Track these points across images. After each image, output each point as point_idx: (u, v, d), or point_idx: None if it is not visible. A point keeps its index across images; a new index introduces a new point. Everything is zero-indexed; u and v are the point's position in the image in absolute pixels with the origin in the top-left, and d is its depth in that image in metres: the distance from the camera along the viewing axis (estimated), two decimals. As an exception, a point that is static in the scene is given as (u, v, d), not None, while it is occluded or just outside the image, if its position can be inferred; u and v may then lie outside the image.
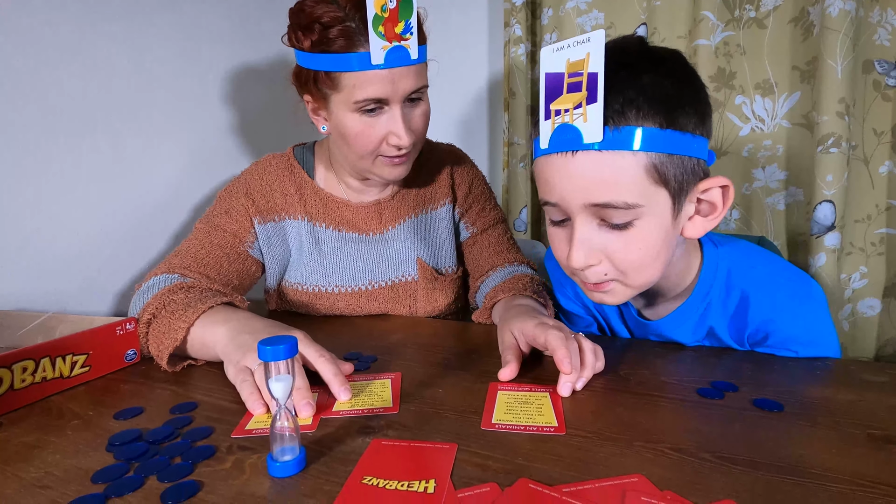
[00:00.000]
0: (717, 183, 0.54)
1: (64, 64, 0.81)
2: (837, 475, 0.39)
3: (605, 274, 0.55)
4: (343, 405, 0.53)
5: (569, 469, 0.41)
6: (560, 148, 0.52)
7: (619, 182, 0.50)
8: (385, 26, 0.67)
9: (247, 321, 0.62)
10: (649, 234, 0.53)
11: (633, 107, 0.49)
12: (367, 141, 0.74)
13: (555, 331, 0.57)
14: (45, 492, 0.40)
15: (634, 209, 0.51)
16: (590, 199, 0.52)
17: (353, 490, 0.39)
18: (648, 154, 0.50)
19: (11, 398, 0.53)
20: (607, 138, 0.49)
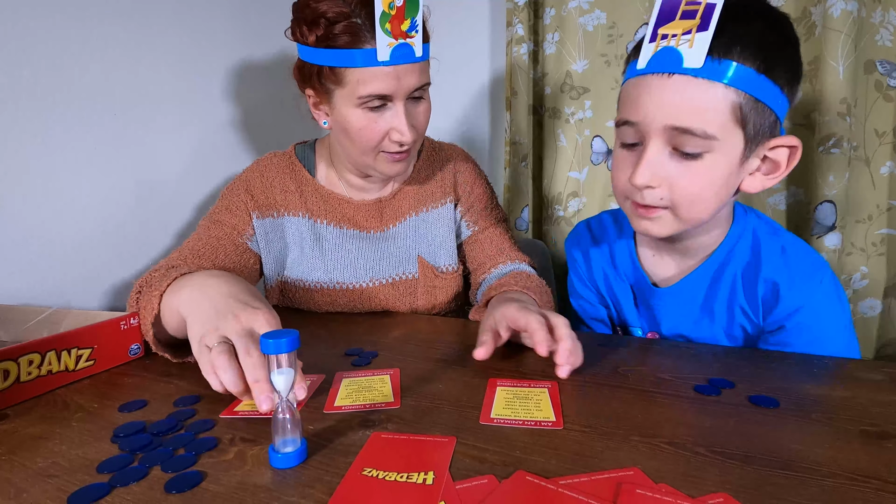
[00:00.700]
0: (788, 142, 0.56)
1: (66, 60, 0.81)
2: (830, 469, 0.40)
3: (661, 199, 0.57)
4: (344, 400, 0.54)
5: (566, 462, 0.42)
6: (658, 69, 0.53)
7: (704, 110, 0.52)
8: (392, 24, 0.68)
9: (210, 283, 0.58)
10: (715, 170, 0.55)
11: (738, 44, 0.51)
12: (370, 136, 0.74)
13: (535, 315, 0.58)
14: (52, 480, 0.41)
15: (709, 141, 0.53)
16: (673, 121, 0.53)
17: (352, 481, 0.40)
18: (738, 92, 0.52)
19: (18, 390, 0.54)
20: (706, 66, 0.51)
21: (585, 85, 1.27)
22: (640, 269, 0.71)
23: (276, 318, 0.54)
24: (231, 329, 0.51)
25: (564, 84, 1.29)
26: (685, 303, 0.68)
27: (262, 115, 1.17)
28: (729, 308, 0.67)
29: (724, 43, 0.51)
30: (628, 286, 0.74)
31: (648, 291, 0.71)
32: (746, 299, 0.65)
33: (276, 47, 1.17)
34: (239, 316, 0.52)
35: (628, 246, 0.72)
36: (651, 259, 0.71)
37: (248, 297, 0.56)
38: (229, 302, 0.55)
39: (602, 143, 1.29)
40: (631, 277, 0.74)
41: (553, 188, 1.36)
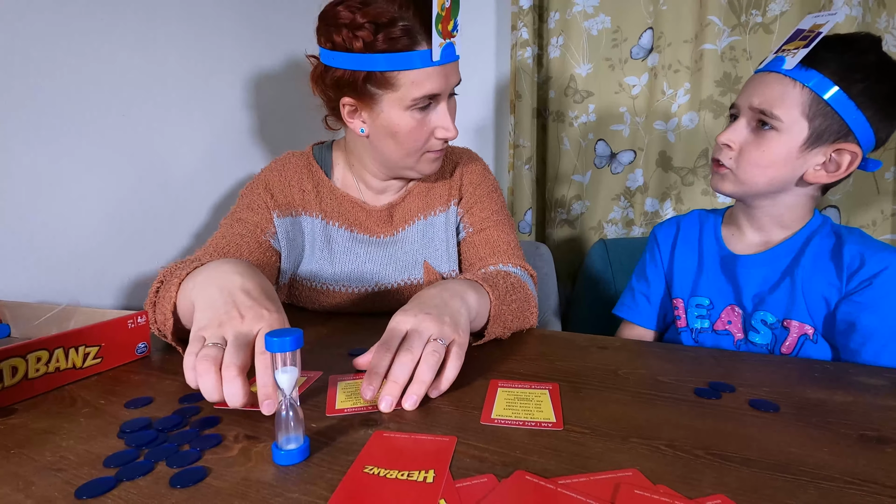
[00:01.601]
0: (850, 147, 0.68)
1: (78, 60, 0.83)
2: (828, 473, 0.40)
3: (730, 159, 0.73)
4: (345, 402, 0.54)
5: (565, 463, 0.42)
6: (766, 68, 0.71)
7: (779, 98, 0.68)
8: (442, 24, 0.69)
9: (224, 271, 0.58)
10: (776, 146, 0.69)
11: (828, 64, 0.66)
12: (418, 136, 0.76)
13: (392, 331, 0.57)
14: (60, 474, 0.41)
15: (776, 121, 0.68)
16: (754, 102, 0.70)
17: (354, 478, 0.40)
18: (812, 93, 0.66)
19: (26, 386, 0.55)
20: (795, 70, 0.67)
21: (589, 89, 1.28)
22: (724, 245, 0.82)
23: (280, 321, 0.53)
24: (231, 329, 0.51)
25: (568, 88, 1.30)
26: (770, 270, 0.76)
27: (275, 115, 1.18)
28: (812, 278, 0.73)
29: (819, 59, 0.66)
30: (713, 260, 0.83)
31: (731, 260, 0.80)
32: (834, 268, 0.72)
33: (290, 50, 1.18)
34: (245, 315, 0.52)
35: (714, 229, 0.85)
36: (737, 234, 0.82)
37: (259, 294, 0.56)
38: (239, 297, 0.54)
39: (605, 146, 1.29)
40: (715, 253, 0.84)
41: (556, 191, 1.37)
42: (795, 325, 0.74)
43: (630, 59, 1.24)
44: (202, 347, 0.50)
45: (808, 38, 0.67)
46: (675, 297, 0.86)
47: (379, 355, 0.54)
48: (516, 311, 0.72)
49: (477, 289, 0.68)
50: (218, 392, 0.48)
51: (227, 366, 0.48)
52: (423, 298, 0.62)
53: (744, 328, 0.79)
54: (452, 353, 0.56)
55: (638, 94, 1.25)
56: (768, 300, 0.76)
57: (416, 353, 0.53)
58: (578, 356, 0.66)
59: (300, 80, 0.80)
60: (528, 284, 0.79)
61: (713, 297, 0.82)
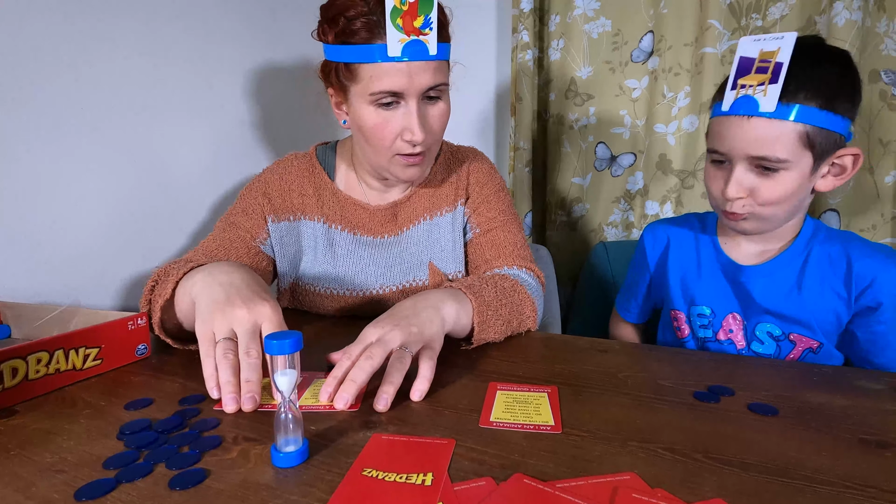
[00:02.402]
0: (851, 152, 0.69)
1: (78, 61, 0.83)
2: (827, 477, 0.40)
3: (743, 206, 0.71)
4: (307, 400, 0.54)
5: (563, 466, 0.42)
6: (739, 112, 0.68)
7: (777, 141, 0.66)
8: (403, 19, 0.68)
9: (224, 269, 0.62)
10: (789, 182, 0.68)
11: (802, 91, 0.64)
12: (382, 135, 0.74)
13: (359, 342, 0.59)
14: (60, 475, 0.42)
15: (784, 163, 0.67)
16: (753, 151, 0.68)
17: (353, 481, 0.40)
18: (804, 125, 0.65)
19: (26, 388, 0.55)
20: (777, 109, 0.65)
21: (590, 91, 1.28)
22: (724, 253, 0.81)
23: (278, 311, 0.58)
24: (240, 320, 0.55)
25: (569, 90, 1.30)
26: (777, 281, 0.76)
27: (276, 116, 1.18)
28: (820, 290, 0.74)
29: (790, 90, 0.64)
30: (713, 268, 0.83)
31: (735, 270, 0.79)
32: (842, 281, 0.73)
33: (293, 47, 1.18)
34: (248, 304, 0.57)
35: (711, 237, 0.84)
36: (730, 244, 0.82)
37: (257, 287, 0.61)
38: (240, 289, 0.59)
39: (605, 149, 1.29)
40: (715, 262, 0.83)
41: (556, 193, 1.37)
42: (801, 340, 0.74)
43: (630, 62, 1.25)
44: (217, 344, 0.55)
45: (765, 69, 0.64)
46: (675, 309, 0.86)
47: (340, 361, 0.56)
48: (507, 316, 0.72)
49: (458, 297, 0.68)
50: (237, 385, 0.52)
51: (246, 351, 0.53)
52: (395, 310, 0.64)
53: (746, 337, 0.79)
54: (423, 357, 0.58)
55: (638, 97, 1.25)
56: (774, 312, 0.76)
57: (375, 361, 0.55)
58: (578, 359, 0.66)
59: (302, 80, 0.80)
60: (527, 287, 0.78)
61: (714, 305, 0.82)
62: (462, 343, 0.69)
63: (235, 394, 0.52)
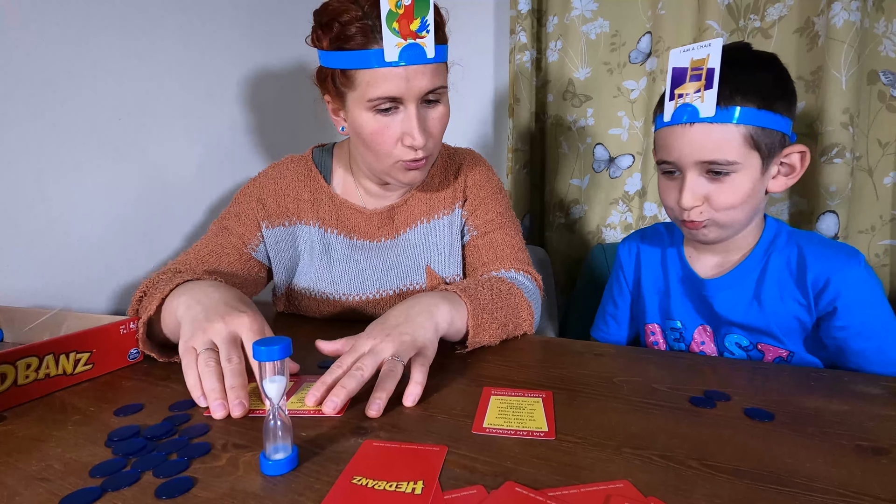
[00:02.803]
0: (797, 149, 0.70)
1: (75, 63, 0.83)
2: (822, 485, 0.40)
3: (701, 213, 0.71)
4: (294, 405, 0.54)
5: (556, 473, 0.42)
6: (681, 121, 0.68)
7: (722, 145, 0.67)
8: (400, 23, 0.66)
9: (206, 290, 0.63)
10: (742, 185, 0.69)
11: (738, 93, 0.65)
12: (382, 141, 0.73)
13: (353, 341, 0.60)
14: (45, 484, 0.41)
15: (733, 165, 0.67)
16: (701, 157, 0.68)
17: (342, 489, 0.40)
18: (746, 126, 0.66)
19: (15, 393, 0.55)
20: (718, 114, 0.66)
21: (588, 93, 1.28)
22: (688, 266, 0.81)
23: (259, 322, 0.58)
24: (217, 331, 0.56)
25: (567, 92, 1.29)
26: (736, 293, 0.76)
27: (274, 119, 1.18)
28: (780, 299, 0.73)
29: (727, 95, 0.65)
30: (678, 281, 0.83)
31: (698, 283, 0.79)
32: (798, 288, 0.72)
33: (288, 51, 1.18)
34: (224, 318, 0.57)
35: (677, 248, 0.84)
36: (694, 256, 0.81)
37: (236, 302, 0.61)
38: (219, 306, 0.59)
39: (604, 150, 1.29)
40: (680, 274, 0.82)
41: (555, 195, 1.36)
42: (769, 349, 0.73)
43: (629, 63, 1.24)
44: (199, 355, 0.55)
45: (698, 76, 0.65)
46: (650, 323, 0.85)
47: (331, 369, 0.56)
48: (502, 319, 0.71)
49: (452, 300, 0.67)
50: (222, 391, 0.52)
51: (227, 358, 0.54)
52: (388, 317, 0.64)
53: (718, 349, 0.78)
54: (415, 363, 0.58)
55: (636, 98, 1.25)
56: (739, 324, 0.75)
57: (366, 372, 0.55)
58: (574, 363, 0.66)
59: (299, 84, 0.80)
60: (524, 290, 0.77)
61: (683, 318, 0.81)
62: (456, 346, 0.69)
63: (222, 400, 0.51)
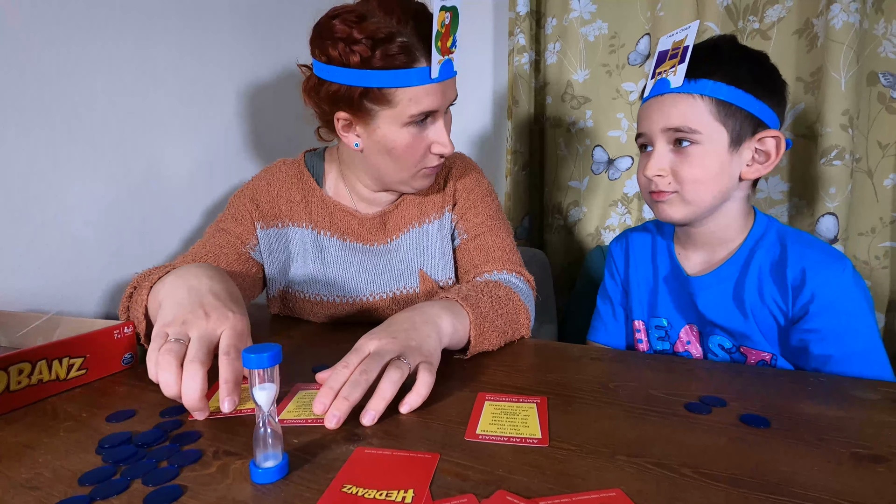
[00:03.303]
0: (770, 134, 0.70)
1: (71, 66, 0.82)
2: (817, 493, 0.39)
3: (669, 184, 0.72)
4: (290, 413, 0.53)
5: (548, 482, 0.41)
6: (654, 93, 0.72)
7: (687, 113, 0.69)
8: (441, 41, 0.68)
9: (197, 274, 0.61)
10: (706, 157, 0.70)
11: (710, 69, 0.68)
12: (414, 152, 0.75)
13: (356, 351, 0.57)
14: (33, 492, 0.41)
15: (696, 134, 0.69)
16: (666, 124, 0.71)
17: (331, 498, 0.40)
18: (712, 99, 0.68)
19: (7, 399, 0.54)
20: (686, 85, 0.69)
21: (586, 94, 1.27)
22: (677, 262, 0.80)
23: (244, 326, 0.56)
24: (196, 327, 0.53)
25: (565, 94, 1.29)
26: (718, 292, 0.75)
27: (269, 123, 1.18)
28: (760, 299, 0.72)
29: (702, 70, 0.68)
30: (666, 278, 0.82)
31: (683, 280, 0.79)
32: (777, 287, 0.71)
33: (284, 56, 1.18)
34: (210, 315, 0.55)
35: (667, 244, 0.83)
36: (683, 253, 0.81)
37: (226, 297, 0.59)
38: (207, 297, 0.57)
39: (602, 152, 1.28)
40: (668, 270, 0.82)
41: (554, 197, 1.36)
42: (752, 352, 0.73)
43: (627, 64, 1.24)
44: (165, 343, 0.52)
45: (676, 55, 0.69)
46: (636, 319, 0.85)
47: (336, 372, 0.54)
48: (502, 327, 0.71)
49: (455, 311, 0.66)
50: (176, 386, 0.50)
51: (190, 360, 0.50)
52: (392, 322, 0.62)
53: (703, 349, 0.78)
54: (422, 370, 0.56)
55: (635, 100, 1.24)
56: (722, 325, 0.74)
57: (370, 375, 0.53)
58: (570, 368, 0.65)
59: (295, 88, 0.79)
60: (521, 294, 0.77)
61: (669, 317, 0.81)
62: (456, 354, 0.68)
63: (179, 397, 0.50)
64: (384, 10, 0.69)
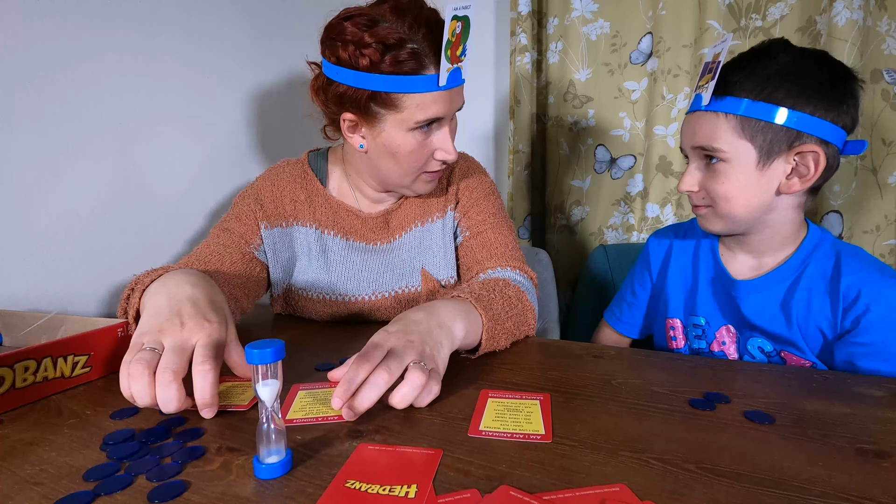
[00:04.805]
0: (808, 149, 0.66)
1: (73, 67, 0.83)
2: (821, 489, 0.39)
3: (703, 198, 0.73)
4: (297, 413, 0.53)
5: (551, 477, 0.41)
6: (691, 108, 0.73)
7: (711, 132, 0.69)
8: (451, 50, 0.69)
9: (179, 281, 0.60)
10: (734, 176, 0.69)
11: (736, 84, 0.67)
12: (418, 157, 0.75)
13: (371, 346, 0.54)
14: (38, 488, 0.41)
15: (719, 152, 0.69)
16: (693, 142, 0.72)
17: (335, 493, 0.40)
18: (736, 116, 0.67)
19: (13, 397, 0.55)
20: (712, 103, 0.68)
21: (588, 94, 1.27)
22: (721, 265, 0.79)
23: (220, 335, 0.55)
24: (170, 336, 0.53)
25: (567, 93, 1.29)
26: (765, 299, 0.74)
27: (273, 123, 1.18)
28: (808, 310, 0.71)
29: (725, 84, 0.67)
30: (709, 279, 0.82)
31: (728, 283, 0.78)
32: (829, 300, 0.69)
33: (287, 57, 1.18)
34: (185, 324, 0.54)
35: (711, 245, 0.82)
36: (727, 255, 0.80)
37: (206, 305, 0.58)
38: (185, 306, 0.56)
39: (605, 151, 1.28)
40: (712, 272, 0.81)
41: (556, 196, 1.36)
42: (792, 358, 0.72)
43: (629, 64, 1.24)
44: (138, 352, 0.51)
45: (712, 69, 0.68)
46: (672, 317, 0.85)
47: (356, 366, 0.51)
48: (512, 329, 0.70)
49: (468, 313, 0.65)
50: (150, 396, 0.49)
51: (161, 370, 0.49)
52: (408, 322, 0.60)
53: (738, 350, 0.77)
54: (430, 379, 0.54)
55: (637, 98, 1.24)
56: (765, 329, 0.74)
57: (393, 375, 0.52)
58: (573, 365, 0.65)
59: (298, 88, 0.80)
60: (527, 293, 0.77)
61: (708, 316, 0.80)
62: (462, 352, 0.68)
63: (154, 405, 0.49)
64: (396, 16, 0.69)
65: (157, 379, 0.49)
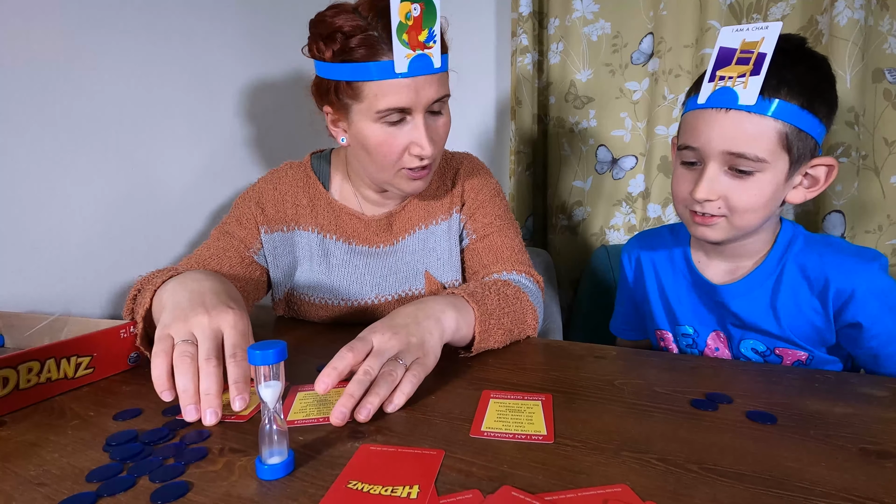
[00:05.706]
0: (825, 162, 0.66)
1: (75, 68, 0.83)
2: (825, 489, 0.39)
3: (719, 208, 0.66)
4: (298, 414, 0.53)
5: (553, 478, 0.41)
6: (717, 105, 0.63)
7: (756, 138, 0.62)
8: (409, 34, 0.66)
9: (196, 278, 0.62)
10: (765, 186, 0.64)
11: (784, 86, 0.61)
12: (389, 151, 0.73)
13: (357, 341, 0.56)
14: (41, 489, 0.41)
15: (761, 163, 0.63)
16: (729, 147, 0.63)
17: (337, 494, 0.40)
18: (784, 123, 0.61)
19: (17, 397, 0.55)
20: (758, 104, 0.61)
21: (590, 94, 1.27)
22: (697, 271, 0.77)
23: (244, 320, 0.58)
24: (199, 324, 0.55)
25: (569, 94, 1.29)
26: (752, 300, 0.73)
27: (273, 125, 1.18)
28: (796, 305, 0.70)
29: (772, 85, 0.60)
30: (688, 287, 0.80)
31: (710, 289, 0.76)
32: (817, 298, 0.69)
33: (288, 58, 1.18)
34: (209, 311, 0.56)
35: (684, 252, 0.80)
36: (703, 261, 0.78)
37: (224, 296, 0.60)
38: (206, 296, 0.59)
39: (606, 152, 1.28)
40: (688, 278, 0.80)
41: (557, 197, 1.36)
42: (788, 353, 0.72)
43: (630, 64, 1.24)
44: (175, 345, 0.53)
45: (747, 59, 0.59)
46: (660, 329, 0.84)
47: (340, 355, 0.54)
48: (508, 325, 0.70)
49: (460, 306, 0.66)
50: (195, 388, 0.51)
51: (205, 359, 0.52)
52: (396, 316, 0.62)
53: (732, 353, 0.77)
54: (410, 372, 0.56)
55: (639, 99, 1.24)
56: (754, 330, 0.73)
57: (372, 374, 0.53)
58: (574, 366, 0.65)
59: (299, 90, 0.80)
60: (529, 293, 0.77)
61: (695, 324, 0.80)
62: (460, 351, 0.68)
63: (195, 403, 0.51)
64: (366, 6, 0.69)
65: (202, 367, 0.52)
